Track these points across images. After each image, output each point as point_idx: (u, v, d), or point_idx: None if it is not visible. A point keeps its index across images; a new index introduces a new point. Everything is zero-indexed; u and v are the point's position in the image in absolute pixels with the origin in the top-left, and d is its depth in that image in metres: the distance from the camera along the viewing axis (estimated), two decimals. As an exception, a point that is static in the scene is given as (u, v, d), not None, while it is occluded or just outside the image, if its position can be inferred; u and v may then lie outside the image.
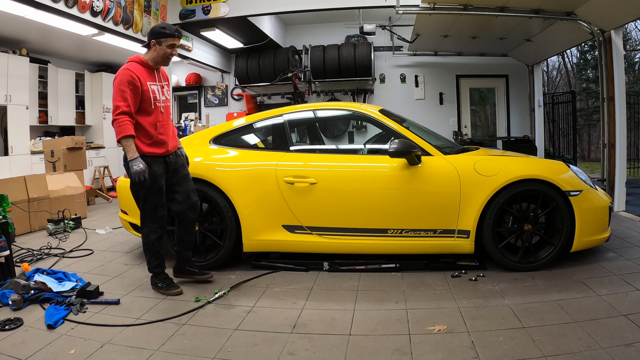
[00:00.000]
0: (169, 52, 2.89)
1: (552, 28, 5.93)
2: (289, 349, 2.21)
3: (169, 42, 2.87)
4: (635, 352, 2.00)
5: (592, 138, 17.64)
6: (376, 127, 3.63)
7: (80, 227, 5.13)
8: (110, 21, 5.38)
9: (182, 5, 6.37)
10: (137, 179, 2.73)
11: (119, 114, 2.71)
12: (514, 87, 8.58)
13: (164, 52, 2.89)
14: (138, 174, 2.72)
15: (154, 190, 2.86)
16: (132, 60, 2.85)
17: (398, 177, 3.22)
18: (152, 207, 2.88)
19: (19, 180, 5.08)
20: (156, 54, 2.89)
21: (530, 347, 2.10)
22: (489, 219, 3.12)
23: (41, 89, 7.64)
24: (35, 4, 4.46)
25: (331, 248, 3.35)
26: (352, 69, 8.16)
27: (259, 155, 3.52)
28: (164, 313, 2.66)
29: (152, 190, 2.85)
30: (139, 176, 2.72)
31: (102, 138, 8.78)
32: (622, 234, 3.99)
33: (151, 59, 2.90)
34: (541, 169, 3.19)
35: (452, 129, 8.57)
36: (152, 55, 2.90)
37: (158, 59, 2.91)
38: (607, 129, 5.27)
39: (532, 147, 7.58)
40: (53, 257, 3.95)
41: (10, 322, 2.54)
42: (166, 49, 2.88)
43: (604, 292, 2.72)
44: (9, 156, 6.76)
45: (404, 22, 7.70)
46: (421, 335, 2.30)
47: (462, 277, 3.11)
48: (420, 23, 6.19)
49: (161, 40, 2.85)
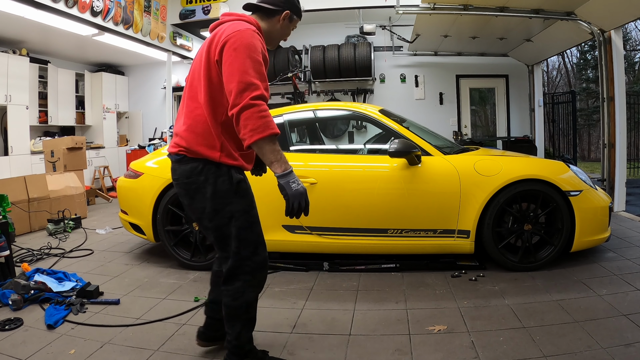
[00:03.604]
0: (288, 34, 2.04)
1: (552, 28, 5.93)
2: (289, 349, 2.21)
3: (296, 24, 2.03)
4: (635, 352, 2.00)
5: (592, 138, 17.65)
6: (376, 127, 3.63)
7: (80, 227, 5.13)
8: (110, 21, 5.38)
9: (182, 5, 6.38)
10: (298, 205, 1.70)
11: (258, 98, 1.65)
12: (514, 87, 8.57)
13: (285, 34, 2.01)
14: (300, 197, 1.70)
15: (254, 220, 1.90)
16: (250, 24, 1.83)
17: (398, 177, 3.22)
18: (253, 246, 1.86)
19: (19, 180, 5.08)
20: (277, 31, 1.96)
21: (530, 347, 2.10)
22: (489, 219, 3.13)
23: (41, 89, 7.65)
24: (35, 4, 4.46)
25: (331, 248, 3.35)
26: (352, 69, 8.16)
27: (259, 155, 3.51)
28: (164, 313, 2.66)
29: (252, 220, 1.89)
30: (300, 201, 1.70)
31: (102, 138, 8.78)
32: (622, 234, 3.99)
33: (268, 32, 1.94)
34: (541, 169, 3.19)
35: (452, 129, 8.56)
36: (272, 28, 1.95)
37: (274, 37, 1.98)
38: (607, 129, 5.27)
39: (532, 147, 7.58)
40: (53, 257, 3.95)
41: (10, 322, 2.54)
42: (289, 31, 2.02)
43: (604, 292, 2.71)
44: (9, 156, 6.76)
45: (404, 22, 7.70)
46: (421, 335, 2.30)
47: (462, 277, 3.11)
48: (420, 23, 6.19)
49: (294, 17, 1.98)
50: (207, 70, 1.78)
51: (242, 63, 1.67)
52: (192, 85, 1.88)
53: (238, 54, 1.68)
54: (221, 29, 1.81)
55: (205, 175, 1.80)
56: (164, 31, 6.41)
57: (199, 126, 1.81)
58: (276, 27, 1.94)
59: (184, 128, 1.85)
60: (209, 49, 1.79)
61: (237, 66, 1.67)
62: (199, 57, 1.86)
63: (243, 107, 1.63)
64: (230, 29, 1.76)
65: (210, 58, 1.77)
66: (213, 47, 1.77)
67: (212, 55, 1.77)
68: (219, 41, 1.75)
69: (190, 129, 1.82)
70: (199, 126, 1.81)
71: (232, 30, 1.74)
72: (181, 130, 1.86)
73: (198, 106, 1.82)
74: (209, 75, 1.78)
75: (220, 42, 1.74)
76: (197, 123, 1.82)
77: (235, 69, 1.67)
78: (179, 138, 1.86)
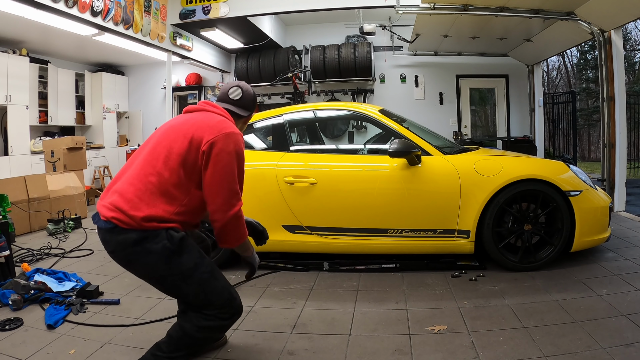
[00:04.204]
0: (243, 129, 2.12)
1: (552, 28, 5.93)
2: (289, 349, 2.21)
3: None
4: (635, 352, 2.00)
5: (592, 138, 17.64)
6: (376, 127, 3.63)
7: (80, 227, 5.13)
8: (110, 21, 5.38)
9: (182, 5, 6.37)
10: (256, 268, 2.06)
11: (239, 207, 1.81)
12: (514, 87, 8.58)
13: (242, 130, 2.09)
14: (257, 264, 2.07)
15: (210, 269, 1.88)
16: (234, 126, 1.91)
17: (398, 177, 3.22)
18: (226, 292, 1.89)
19: (19, 180, 5.08)
20: (242, 129, 2.09)
21: (530, 347, 2.10)
22: (489, 219, 3.12)
23: (41, 89, 7.65)
24: (35, 4, 4.45)
25: (331, 248, 3.35)
26: (352, 69, 8.16)
27: (259, 155, 3.52)
28: (164, 313, 2.66)
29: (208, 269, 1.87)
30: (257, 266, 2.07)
31: (102, 138, 8.78)
32: (622, 234, 3.99)
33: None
34: (541, 169, 3.19)
35: (452, 129, 8.57)
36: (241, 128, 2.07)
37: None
38: (607, 129, 5.27)
39: (532, 147, 7.58)
40: (53, 257, 3.95)
41: (10, 322, 2.54)
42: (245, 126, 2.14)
43: (604, 292, 2.71)
44: (9, 156, 6.77)
45: (404, 22, 7.70)
46: (421, 335, 2.30)
47: (462, 277, 3.11)
48: (420, 23, 6.19)
49: (252, 114, 2.11)
50: (187, 152, 1.77)
51: (232, 170, 1.77)
52: (156, 151, 1.80)
53: (231, 159, 1.77)
54: (210, 120, 1.84)
55: (141, 246, 1.71)
56: (164, 31, 6.41)
57: (146, 194, 1.73)
58: (239, 126, 2.04)
59: (131, 190, 1.74)
60: (193, 135, 1.78)
61: (228, 171, 1.76)
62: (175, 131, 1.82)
63: (231, 218, 1.77)
64: (221, 127, 1.81)
65: (195, 143, 1.77)
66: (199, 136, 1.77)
67: (198, 143, 1.77)
68: (210, 134, 1.77)
69: (137, 193, 1.73)
70: (146, 194, 1.73)
71: (223, 130, 1.80)
72: (125, 191, 1.75)
73: (154, 174, 1.75)
74: (186, 157, 1.77)
75: (211, 136, 1.77)
76: (145, 190, 1.73)
77: (226, 174, 1.76)
78: (118, 199, 1.74)
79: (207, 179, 1.75)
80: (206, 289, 1.81)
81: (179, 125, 1.85)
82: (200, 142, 1.76)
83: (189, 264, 1.78)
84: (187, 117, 1.89)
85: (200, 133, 1.78)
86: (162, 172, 1.75)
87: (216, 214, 1.75)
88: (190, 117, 1.88)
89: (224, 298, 1.85)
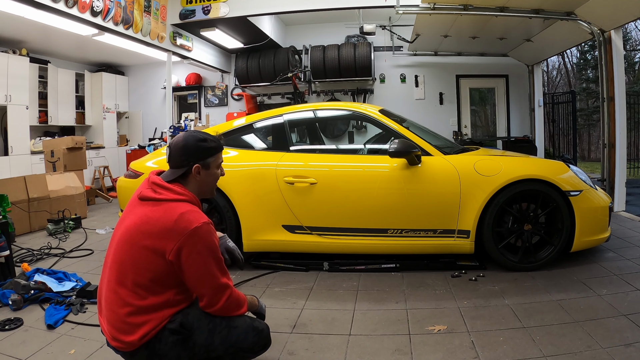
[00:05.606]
0: (218, 175, 1.87)
1: (552, 28, 5.93)
2: (289, 349, 2.21)
3: (220, 157, 1.86)
4: (635, 352, 2.00)
5: (592, 138, 17.65)
6: (376, 127, 3.63)
7: (80, 227, 5.13)
8: (110, 21, 5.38)
9: (182, 5, 6.38)
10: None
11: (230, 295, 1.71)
12: (514, 87, 8.58)
13: (214, 178, 1.85)
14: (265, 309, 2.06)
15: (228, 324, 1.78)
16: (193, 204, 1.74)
17: (398, 177, 3.22)
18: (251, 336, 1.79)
19: (19, 180, 5.08)
20: (202, 183, 1.81)
21: (530, 347, 2.10)
22: (489, 219, 3.12)
23: (41, 89, 7.65)
24: (35, 4, 4.45)
25: (331, 248, 3.35)
26: (352, 69, 8.16)
27: (259, 155, 3.52)
28: (164, 313, 2.66)
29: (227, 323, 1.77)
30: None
31: (102, 138, 8.79)
32: (622, 234, 3.99)
33: (197, 190, 1.80)
34: (541, 169, 3.19)
35: (452, 129, 8.57)
36: (196, 185, 1.80)
37: (205, 189, 1.84)
38: (607, 129, 5.27)
39: (532, 147, 7.59)
40: (53, 257, 3.95)
41: (10, 322, 2.55)
42: (216, 172, 1.85)
43: (604, 292, 2.72)
44: (9, 156, 6.77)
45: (404, 22, 7.70)
46: (421, 335, 2.30)
47: (462, 277, 3.11)
48: (420, 23, 6.19)
49: (209, 160, 1.80)
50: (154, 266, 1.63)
51: (208, 269, 1.65)
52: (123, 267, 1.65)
53: (203, 257, 1.63)
54: (166, 218, 1.64)
55: (156, 354, 1.67)
56: (164, 31, 6.41)
57: (130, 317, 1.64)
58: (198, 181, 1.79)
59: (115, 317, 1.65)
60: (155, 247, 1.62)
61: (204, 271, 1.64)
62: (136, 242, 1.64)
63: (222, 308, 1.69)
64: (182, 226, 1.62)
65: (159, 254, 1.62)
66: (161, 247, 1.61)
67: (163, 254, 1.62)
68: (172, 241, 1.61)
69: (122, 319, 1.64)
70: (131, 317, 1.64)
71: (185, 231, 1.62)
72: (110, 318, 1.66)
73: (129, 295, 1.64)
74: (155, 270, 1.64)
75: (174, 243, 1.61)
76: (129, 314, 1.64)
77: (203, 274, 1.64)
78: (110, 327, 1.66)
79: (186, 281, 1.67)
80: (233, 342, 1.74)
81: (136, 234, 1.66)
82: (164, 252, 1.62)
83: (203, 334, 1.71)
84: (142, 219, 1.67)
85: (161, 243, 1.62)
86: (136, 290, 1.64)
87: (206, 308, 1.70)
88: (145, 219, 1.66)
89: (251, 338, 1.78)
